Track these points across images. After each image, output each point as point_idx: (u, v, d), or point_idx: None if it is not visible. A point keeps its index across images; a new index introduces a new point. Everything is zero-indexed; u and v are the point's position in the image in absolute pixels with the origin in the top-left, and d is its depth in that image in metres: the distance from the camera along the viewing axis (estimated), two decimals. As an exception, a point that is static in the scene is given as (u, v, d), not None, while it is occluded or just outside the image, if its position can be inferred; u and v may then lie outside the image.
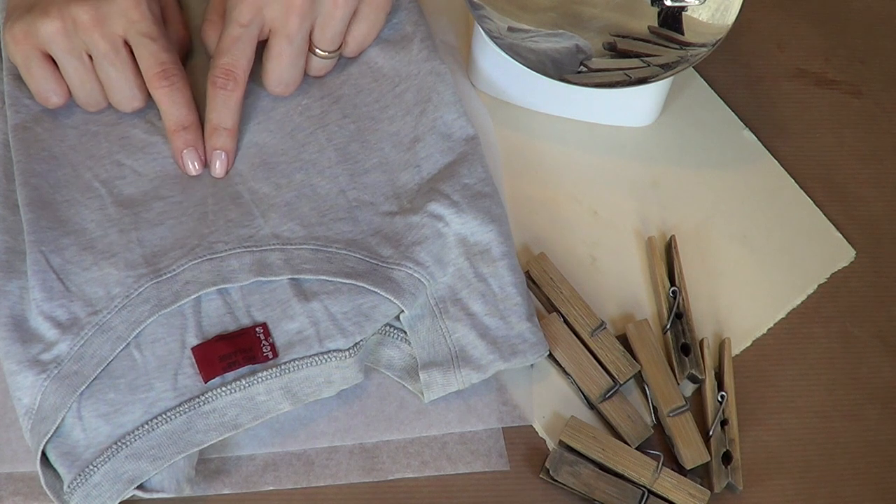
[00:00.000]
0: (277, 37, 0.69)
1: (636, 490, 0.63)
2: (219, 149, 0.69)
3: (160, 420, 0.60)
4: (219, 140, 0.69)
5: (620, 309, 0.70)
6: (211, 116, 0.69)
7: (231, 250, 0.65)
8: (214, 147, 0.69)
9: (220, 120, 0.69)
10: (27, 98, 0.69)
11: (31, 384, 0.61)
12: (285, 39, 0.69)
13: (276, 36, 0.69)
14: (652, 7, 0.72)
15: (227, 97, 0.68)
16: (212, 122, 0.69)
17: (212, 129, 0.69)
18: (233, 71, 0.68)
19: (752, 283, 0.72)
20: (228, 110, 0.69)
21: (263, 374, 0.62)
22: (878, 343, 0.71)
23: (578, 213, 0.74)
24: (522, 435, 0.66)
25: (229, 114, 0.69)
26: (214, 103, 0.69)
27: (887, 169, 0.78)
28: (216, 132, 0.69)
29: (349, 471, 0.64)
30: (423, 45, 0.74)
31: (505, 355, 0.64)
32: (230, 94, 0.68)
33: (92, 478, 0.59)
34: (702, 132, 0.78)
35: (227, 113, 0.69)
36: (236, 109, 0.69)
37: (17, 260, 0.64)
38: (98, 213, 0.66)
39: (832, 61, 0.83)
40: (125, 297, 0.63)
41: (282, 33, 0.69)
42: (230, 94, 0.68)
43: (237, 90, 0.69)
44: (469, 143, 0.70)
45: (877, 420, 0.69)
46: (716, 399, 0.66)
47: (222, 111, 0.69)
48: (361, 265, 0.65)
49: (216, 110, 0.69)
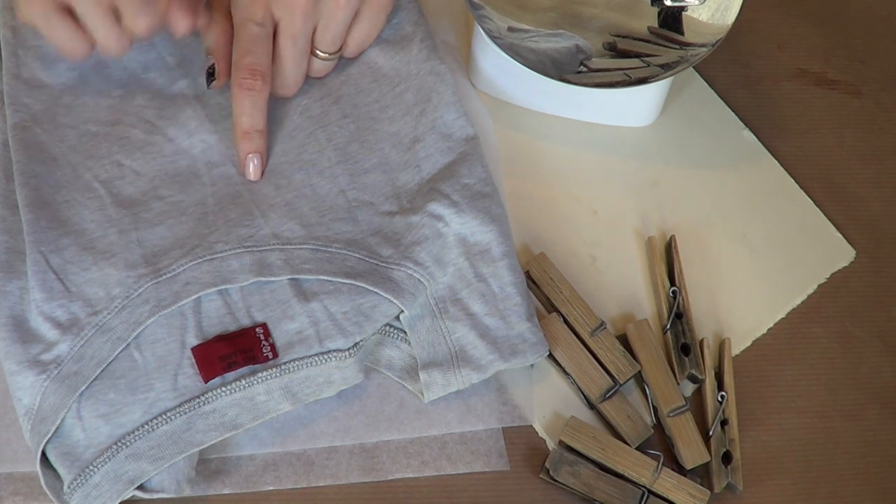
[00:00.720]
0: (282, 37, 0.69)
1: (636, 490, 0.63)
2: (253, 152, 0.68)
3: (160, 420, 0.60)
4: (252, 143, 0.68)
5: (620, 309, 0.70)
6: (242, 120, 0.68)
7: (231, 250, 0.65)
8: (248, 151, 0.68)
9: (252, 123, 0.68)
10: (26, 97, 0.69)
11: (30, 384, 0.61)
12: (290, 40, 0.69)
13: (281, 36, 0.69)
14: (652, 7, 0.72)
15: (255, 98, 0.68)
16: (243, 126, 0.68)
17: (243, 133, 0.68)
18: (259, 70, 0.68)
19: (752, 283, 0.72)
20: (259, 111, 0.68)
21: (263, 374, 0.62)
22: (878, 343, 0.71)
23: (578, 213, 0.74)
24: (522, 435, 0.66)
25: (260, 115, 0.68)
26: (243, 106, 0.68)
27: (887, 169, 0.78)
28: (248, 136, 0.68)
29: (349, 471, 0.64)
30: (423, 45, 0.74)
31: (505, 355, 0.64)
32: (258, 94, 0.68)
33: (92, 478, 0.59)
34: (702, 132, 0.78)
35: (258, 115, 0.68)
36: (265, 110, 0.68)
37: (17, 260, 0.64)
38: (98, 213, 0.66)
39: (832, 61, 0.83)
40: (125, 298, 0.63)
41: (286, 34, 0.69)
42: (259, 95, 0.68)
43: (265, 90, 0.68)
44: (469, 142, 0.70)
45: (877, 420, 0.69)
46: (716, 399, 0.66)
47: (253, 113, 0.68)
48: (361, 265, 0.65)
49: (246, 113, 0.68)
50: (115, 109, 0.70)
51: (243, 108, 0.68)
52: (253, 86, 0.68)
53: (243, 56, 0.68)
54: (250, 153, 0.68)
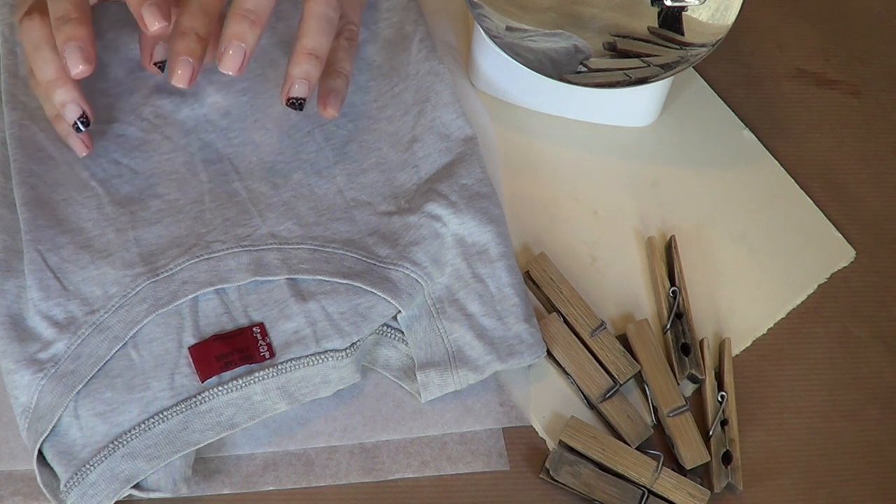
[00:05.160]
0: None
1: (636, 490, 0.63)
2: (188, 54, 0.61)
3: (157, 419, 0.60)
4: (188, 44, 0.61)
5: (620, 309, 0.70)
6: (183, 20, 0.60)
7: (228, 249, 0.65)
8: (183, 52, 0.60)
9: (194, 25, 0.60)
10: (24, 95, 0.69)
11: (27, 383, 0.61)
12: None
13: None
14: (652, 7, 0.72)
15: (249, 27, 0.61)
16: (183, 25, 0.60)
17: (182, 32, 0.61)
18: None
19: (752, 283, 0.72)
20: (210, 18, 0.60)
21: (260, 373, 0.62)
22: (878, 343, 0.71)
23: (578, 213, 0.73)
24: (522, 435, 0.66)
25: (209, 21, 0.60)
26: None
27: (887, 169, 0.78)
28: (186, 35, 0.60)
29: (349, 471, 0.64)
30: (422, 46, 0.74)
31: (502, 356, 0.64)
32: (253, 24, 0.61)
33: (88, 477, 0.59)
34: (702, 132, 0.78)
35: (209, 21, 0.60)
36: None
37: (15, 259, 0.64)
38: (95, 211, 0.66)
39: (832, 61, 0.83)
40: (122, 297, 0.63)
41: None
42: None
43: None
44: (467, 143, 0.70)
45: (877, 420, 0.68)
46: (716, 399, 0.66)
47: (205, 20, 0.60)
48: (358, 265, 0.65)
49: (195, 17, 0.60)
50: (111, 107, 0.70)
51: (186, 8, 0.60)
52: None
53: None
54: (184, 54, 0.60)
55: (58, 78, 0.63)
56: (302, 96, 0.63)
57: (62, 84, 0.63)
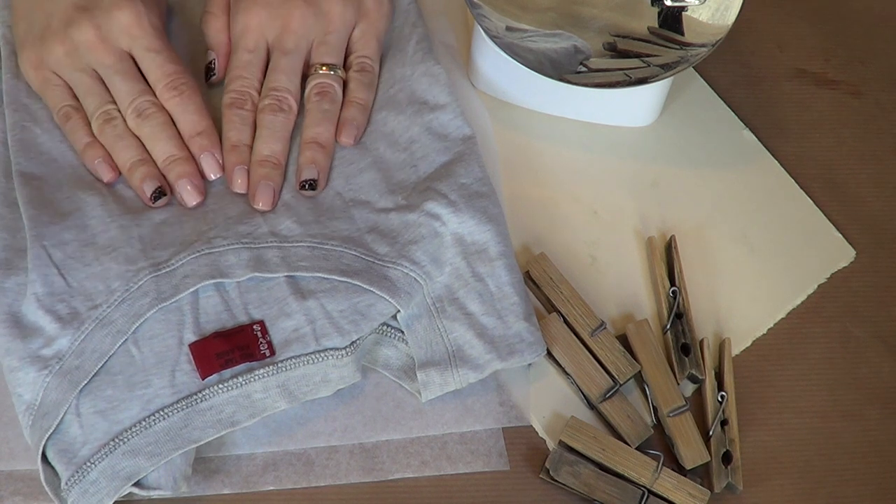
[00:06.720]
0: (274, 54, 0.71)
1: (636, 490, 0.63)
2: (240, 164, 0.68)
3: (157, 417, 0.60)
4: (239, 156, 0.68)
5: (620, 309, 0.70)
6: (230, 135, 0.69)
7: (229, 246, 0.65)
8: (236, 163, 0.68)
9: (239, 137, 0.69)
10: (25, 97, 0.69)
11: (32, 380, 0.61)
12: (281, 55, 0.70)
13: (274, 53, 0.71)
14: (652, 7, 0.72)
15: (244, 116, 0.69)
16: (231, 140, 0.68)
17: (231, 147, 0.68)
18: (247, 91, 0.69)
19: (752, 283, 0.72)
20: (247, 127, 0.69)
21: (260, 371, 0.62)
22: (878, 343, 0.71)
23: (578, 213, 0.73)
24: (522, 435, 0.66)
25: (248, 131, 0.69)
26: (232, 122, 0.69)
27: (887, 169, 0.78)
28: (236, 149, 0.68)
29: (349, 471, 0.64)
30: (419, 48, 0.74)
31: (502, 355, 0.64)
32: (247, 113, 0.69)
33: (89, 474, 0.59)
34: (702, 132, 0.78)
35: (246, 130, 0.69)
36: (253, 126, 0.69)
37: (16, 257, 0.64)
38: (99, 209, 0.66)
39: (832, 61, 0.83)
40: (125, 291, 0.63)
41: (278, 51, 0.70)
42: (247, 114, 0.69)
43: (253, 110, 0.69)
44: (466, 142, 0.70)
45: (877, 420, 0.68)
46: (716, 399, 0.66)
47: (242, 128, 0.69)
48: (357, 263, 0.65)
49: (235, 129, 0.69)
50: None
51: (232, 124, 0.69)
52: (242, 105, 0.69)
53: (232, 81, 0.70)
54: (238, 165, 0.68)
55: (144, 159, 0.68)
56: (312, 178, 0.68)
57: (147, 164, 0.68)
